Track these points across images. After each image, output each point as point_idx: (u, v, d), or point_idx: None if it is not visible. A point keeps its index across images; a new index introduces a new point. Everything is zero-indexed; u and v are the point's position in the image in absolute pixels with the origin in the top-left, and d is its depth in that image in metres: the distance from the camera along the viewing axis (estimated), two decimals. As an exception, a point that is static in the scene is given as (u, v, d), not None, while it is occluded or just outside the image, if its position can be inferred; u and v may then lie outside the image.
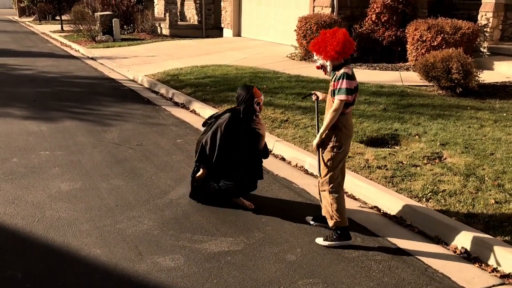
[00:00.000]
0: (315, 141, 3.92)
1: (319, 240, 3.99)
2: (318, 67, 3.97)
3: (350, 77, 3.71)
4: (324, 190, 3.96)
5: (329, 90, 3.89)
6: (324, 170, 3.94)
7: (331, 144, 3.87)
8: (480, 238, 3.81)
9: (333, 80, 3.80)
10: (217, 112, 4.72)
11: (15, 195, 4.75)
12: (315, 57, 3.91)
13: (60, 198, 4.72)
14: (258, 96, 4.49)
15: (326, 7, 12.66)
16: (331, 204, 3.93)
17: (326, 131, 3.85)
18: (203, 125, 4.73)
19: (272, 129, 6.83)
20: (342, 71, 3.73)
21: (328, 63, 3.84)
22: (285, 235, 4.10)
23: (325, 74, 3.96)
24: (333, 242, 3.93)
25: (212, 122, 4.58)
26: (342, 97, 3.70)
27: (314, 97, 4.24)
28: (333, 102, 3.78)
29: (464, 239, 3.89)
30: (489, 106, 7.52)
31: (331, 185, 3.92)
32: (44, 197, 4.72)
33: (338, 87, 3.72)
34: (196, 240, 3.96)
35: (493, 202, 4.38)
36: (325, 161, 3.91)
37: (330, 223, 3.97)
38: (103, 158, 5.88)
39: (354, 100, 3.87)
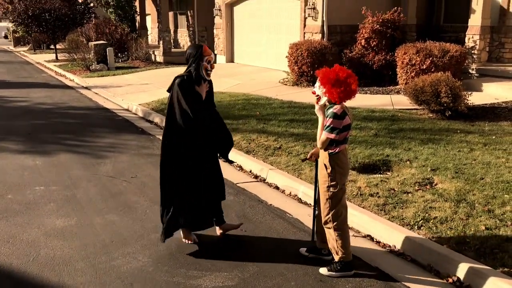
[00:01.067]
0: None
1: (323, 270, 4.04)
2: (313, 93, 3.97)
3: (338, 116, 3.77)
4: (329, 228, 3.99)
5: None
6: (326, 209, 3.97)
7: (326, 184, 3.92)
8: (472, 267, 3.85)
9: (326, 116, 3.87)
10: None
11: (10, 234, 4.77)
12: (317, 84, 3.91)
13: (55, 235, 4.75)
14: (208, 54, 4.24)
15: (316, 33, 12.89)
16: (336, 241, 3.97)
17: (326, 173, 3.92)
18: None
19: (266, 157, 6.90)
20: (330, 110, 3.82)
21: (325, 98, 3.88)
22: (279, 268, 4.13)
23: (316, 103, 3.98)
24: (336, 273, 3.99)
25: (168, 97, 4.35)
26: (327, 134, 3.80)
27: (313, 160, 4.24)
28: None
29: (456, 268, 3.93)
30: (478, 129, 7.64)
31: (335, 223, 3.96)
32: (39, 235, 4.75)
33: (326, 124, 3.82)
34: (191, 276, 3.99)
35: (484, 228, 4.43)
36: (325, 200, 3.96)
37: (336, 257, 4.02)
38: (98, 192, 5.92)
39: (347, 139, 3.93)
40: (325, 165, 3.92)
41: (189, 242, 4.56)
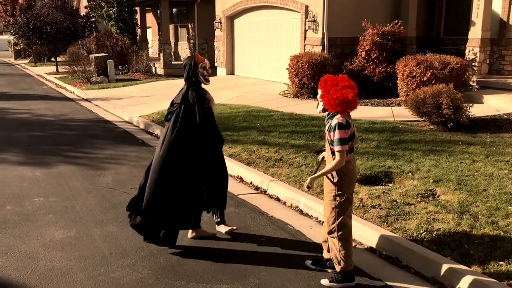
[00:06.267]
0: (308, 180, 3.88)
1: (325, 282, 3.98)
2: (316, 99, 3.97)
3: (344, 126, 3.71)
4: (334, 237, 3.94)
5: (325, 136, 3.92)
6: (331, 218, 3.92)
7: (333, 193, 3.87)
8: (476, 279, 3.79)
9: (327, 129, 3.82)
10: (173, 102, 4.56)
11: (8, 245, 4.71)
12: (319, 89, 3.88)
13: (54, 247, 4.69)
14: (201, 60, 4.47)
15: (316, 45, 12.92)
16: (339, 251, 3.91)
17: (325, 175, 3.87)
18: (166, 119, 4.55)
19: (267, 169, 6.86)
20: (335, 121, 3.74)
21: (321, 103, 3.87)
22: (281, 280, 4.07)
23: (316, 107, 3.98)
24: (338, 284, 3.94)
25: (177, 107, 4.45)
26: (339, 148, 3.70)
27: (320, 158, 4.21)
28: (331, 149, 3.82)
29: (460, 280, 3.86)
30: (480, 141, 7.60)
31: (340, 232, 3.91)
32: (38, 246, 4.69)
33: (333, 138, 3.73)
34: (191, 288, 3.93)
35: (488, 240, 4.38)
36: (330, 209, 3.91)
37: (338, 268, 3.96)
38: (98, 204, 5.87)
39: (353, 148, 3.88)
40: (331, 174, 3.87)
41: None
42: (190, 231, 4.83)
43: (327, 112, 3.90)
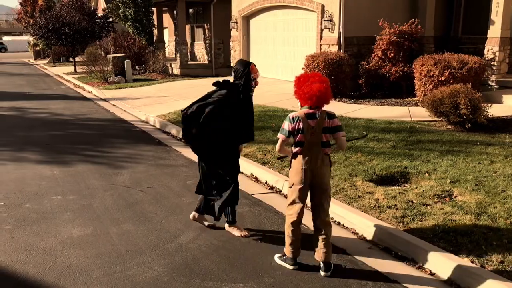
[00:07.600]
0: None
1: (276, 255, 4.40)
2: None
3: (289, 120, 4.07)
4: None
5: None
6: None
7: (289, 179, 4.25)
8: (493, 280, 3.75)
9: None
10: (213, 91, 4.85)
11: (27, 242, 4.80)
12: (294, 87, 4.21)
13: (72, 244, 4.76)
14: (255, 72, 4.72)
15: (333, 45, 12.87)
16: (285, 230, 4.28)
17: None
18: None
19: (281, 168, 6.86)
20: (290, 114, 4.11)
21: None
22: (296, 280, 4.06)
23: (298, 103, 4.30)
24: (279, 260, 4.34)
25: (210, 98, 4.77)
26: (278, 134, 4.16)
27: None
28: None
29: (477, 281, 3.82)
30: (499, 141, 7.50)
31: (287, 213, 4.25)
32: (56, 244, 4.76)
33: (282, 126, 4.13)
34: (206, 287, 3.94)
35: (506, 242, 4.32)
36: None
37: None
38: (114, 202, 5.93)
39: (302, 142, 4.05)
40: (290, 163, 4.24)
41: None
42: (194, 212, 5.17)
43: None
